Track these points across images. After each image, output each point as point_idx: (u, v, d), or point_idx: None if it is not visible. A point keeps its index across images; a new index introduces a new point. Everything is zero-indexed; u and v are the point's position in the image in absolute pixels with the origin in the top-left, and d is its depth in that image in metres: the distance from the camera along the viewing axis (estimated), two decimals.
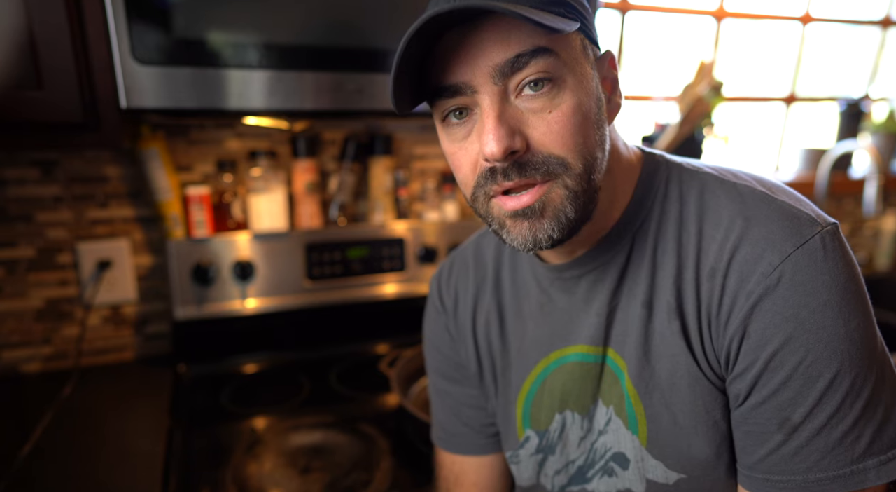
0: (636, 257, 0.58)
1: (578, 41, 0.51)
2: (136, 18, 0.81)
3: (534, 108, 0.49)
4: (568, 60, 0.49)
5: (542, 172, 0.49)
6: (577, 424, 0.63)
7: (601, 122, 0.52)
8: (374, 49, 0.94)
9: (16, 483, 0.85)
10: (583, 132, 0.50)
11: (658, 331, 0.56)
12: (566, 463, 0.65)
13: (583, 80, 0.50)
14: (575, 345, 0.62)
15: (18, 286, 1.17)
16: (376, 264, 1.32)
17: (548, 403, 0.64)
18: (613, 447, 0.60)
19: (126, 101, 0.84)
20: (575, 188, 0.50)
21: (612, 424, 0.60)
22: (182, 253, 1.17)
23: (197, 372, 1.22)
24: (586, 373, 0.61)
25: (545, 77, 0.48)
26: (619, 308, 0.59)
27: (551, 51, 0.48)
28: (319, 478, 0.88)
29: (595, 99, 0.52)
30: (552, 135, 0.49)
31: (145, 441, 0.97)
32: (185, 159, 1.23)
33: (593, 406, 0.62)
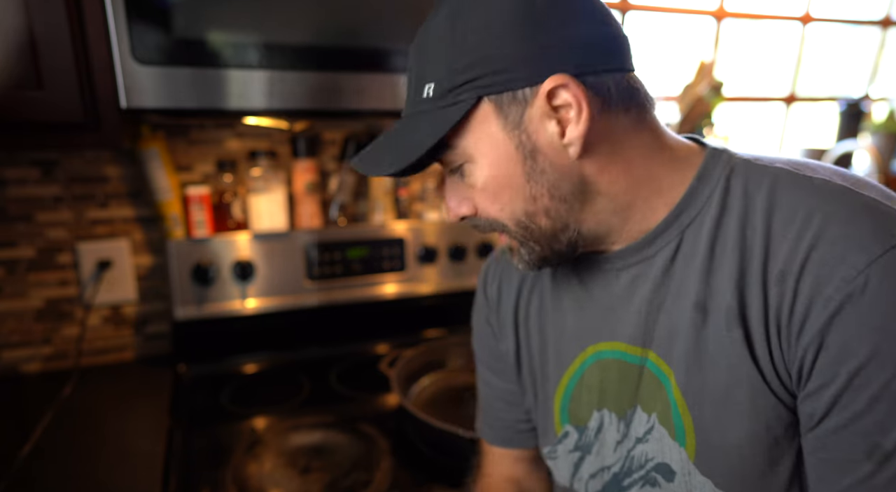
0: (685, 255, 0.54)
1: (486, 107, 0.51)
2: (136, 18, 0.81)
3: (468, 183, 0.56)
4: (468, 142, 0.53)
5: (489, 229, 0.57)
6: (613, 426, 0.60)
7: (535, 172, 0.52)
8: (374, 49, 0.94)
9: (16, 483, 0.85)
10: (502, 197, 0.54)
11: (714, 338, 0.51)
12: (601, 467, 0.62)
13: (493, 150, 0.52)
14: (613, 341, 0.59)
15: (18, 286, 1.17)
16: (376, 264, 1.32)
17: (586, 398, 0.62)
18: (657, 458, 0.57)
19: (126, 101, 0.84)
20: (521, 238, 0.56)
21: (655, 433, 0.56)
22: (182, 253, 1.17)
23: (197, 372, 1.22)
24: (625, 373, 0.58)
25: (452, 166, 0.55)
26: (664, 309, 0.55)
27: (448, 145, 0.53)
28: (319, 478, 0.88)
29: (516, 157, 0.52)
30: (482, 204, 0.56)
31: (145, 441, 0.97)
32: (185, 159, 1.23)
33: (631, 411, 0.58)
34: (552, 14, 0.49)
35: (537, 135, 0.51)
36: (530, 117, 0.51)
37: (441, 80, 0.52)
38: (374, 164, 0.56)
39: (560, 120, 0.50)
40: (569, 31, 0.50)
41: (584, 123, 0.50)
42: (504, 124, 0.51)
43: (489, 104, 0.51)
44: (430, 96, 0.53)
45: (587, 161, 0.52)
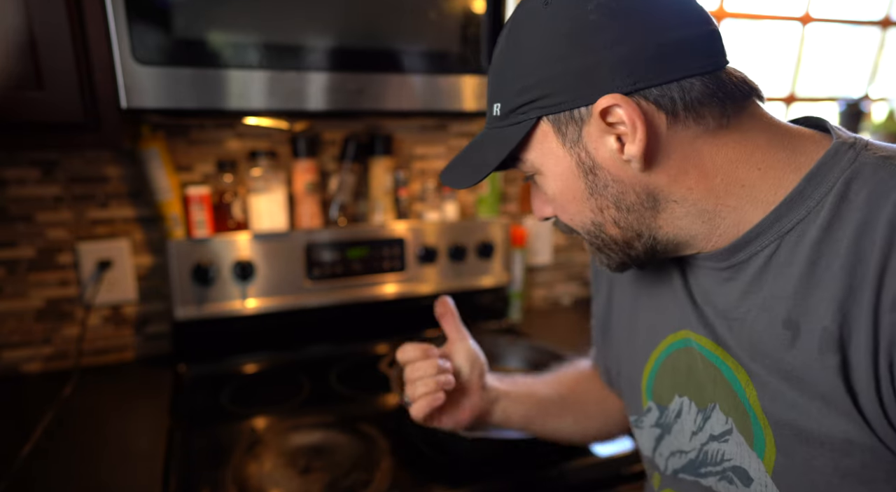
0: (779, 264, 0.50)
1: (543, 127, 0.53)
2: (136, 19, 0.82)
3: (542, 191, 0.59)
4: (534, 157, 0.55)
5: (568, 231, 0.60)
6: (692, 415, 0.60)
7: (596, 188, 0.53)
8: (374, 49, 0.94)
9: (16, 483, 0.85)
10: (570, 208, 0.56)
11: (803, 360, 0.47)
12: (679, 450, 0.61)
13: (555, 165, 0.54)
14: (696, 332, 0.58)
15: (19, 286, 1.17)
16: (376, 264, 1.32)
17: (670, 381, 0.62)
18: (734, 460, 0.55)
19: (126, 101, 0.84)
20: (595, 245, 0.58)
21: (734, 437, 0.55)
22: (182, 253, 1.17)
23: (197, 372, 1.22)
24: (707, 368, 0.57)
25: (527, 176, 0.59)
26: (749, 318, 0.52)
27: (517, 158, 0.56)
28: (319, 478, 0.88)
29: (578, 173, 0.54)
30: (557, 211, 0.59)
31: (145, 441, 0.97)
32: (186, 159, 1.23)
33: (712, 406, 0.57)
34: (608, 29, 0.48)
35: (597, 151, 0.52)
36: (588, 135, 0.51)
37: (506, 101, 0.55)
38: (455, 178, 0.61)
39: (619, 136, 0.50)
40: (627, 45, 0.48)
41: (641, 142, 0.49)
42: (563, 142, 0.53)
43: (548, 123, 0.53)
44: (497, 116, 0.56)
45: (655, 173, 0.51)
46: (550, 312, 1.61)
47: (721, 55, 0.51)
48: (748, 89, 0.52)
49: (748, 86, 0.52)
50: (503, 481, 0.89)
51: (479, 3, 0.97)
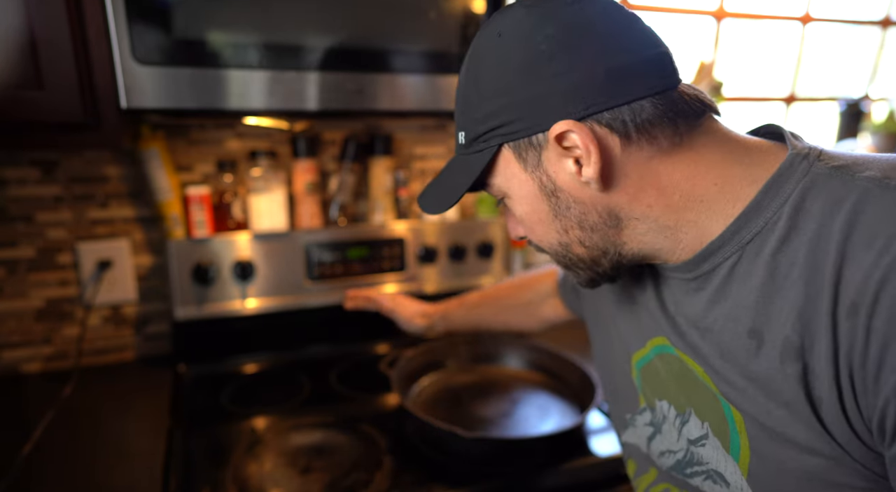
0: (741, 274, 0.51)
1: (505, 154, 0.55)
2: (136, 18, 0.82)
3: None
4: (499, 182, 0.57)
5: (540, 250, 0.62)
6: (671, 419, 0.62)
7: (559, 209, 0.55)
8: (373, 49, 0.94)
9: (16, 483, 0.85)
10: (538, 230, 0.58)
11: (766, 368, 0.48)
12: (668, 450, 0.63)
13: (520, 189, 0.56)
14: (675, 343, 0.60)
15: (19, 286, 1.17)
16: (376, 264, 1.32)
17: (653, 385, 0.64)
18: (711, 464, 0.56)
19: (126, 101, 0.84)
20: (564, 264, 0.60)
21: (710, 441, 0.56)
22: (182, 253, 1.17)
23: (197, 372, 1.22)
24: (683, 374, 0.58)
25: (497, 200, 0.61)
26: (717, 327, 0.53)
27: (485, 183, 0.59)
28: (319, 478, 0.88)
29: (541, 196, 0.55)
30: (526, 233, 0.61)
31: (145, 441, 0.97)
32: (186, 159, 1.23)
33: (689, 411, 0.59)
34: (558, 58, 0.50)
35: (557, 175, 0.53)
36: (548, 159, 0.53)
37: (469, 130, 0.57)
38: (430, 203, 0.63)
39: (576, 159, 0.51)
40: (577, 72, 0.49)
41: (596, 164, 0.50)
42: (525, 167, 0.55)
43: (509, 150, 0.55)
44: (463, 143, 0.58)
45: (614, 193, 0.52)
46: None
47: (671, 76, 0.52)
48: (701, 107, 0.52)
49: (701, 103, 0.53)
50: (503, 481, 0.89)
51: (478, 2, 0.97)
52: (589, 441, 1.00)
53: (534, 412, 1.05)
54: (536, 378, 1.18)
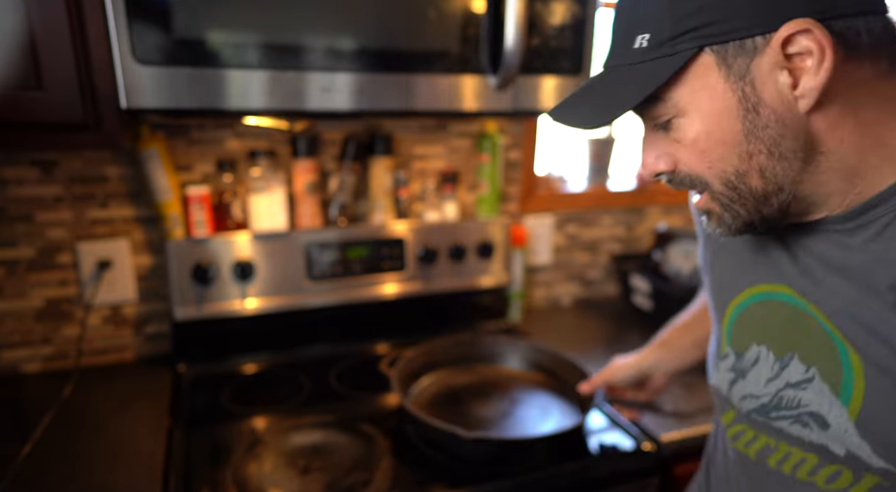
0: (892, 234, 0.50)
1: (706, 59, 0.49)
2: (136, 18, 0.81)
3: (673, 138, 0.54)
4: (682, 94, 0.51)
5: (689, 186, 0.56)
6: (768, 363, 0.61)
7: (756, 127, 0.50)
8: (373, 49, 0.94)
9: (16, 483, 0.85)
10: (713, 154, 0.52)
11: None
12: (751, 394, 0.63)
13: (710, 103, 0.50)
14: (790, 287, 0.59)
15: (19, 286, 1.17)
16: (376, 264, 1.32)
17: (748, 331, 0.64)
18: (811, 406, 0.57)
19: (126, 101, 0.84)
20: (722, 199, 0.54)
21: (814, 385, 0.56)
22: (182, 253, 1.17)
23: (197, 372, 1.22)
24: (793, 320, 0.58)
25: (658, 121, 0.54)
26: (857, 278, 0.52)
27: (657, 98, 0.52)
28: (319, 478, 0.88)
29: (737, 112, 0.50)
30: (688, 160, 0.54)
31: (145, 441, 0.97)
32: (185, 159, 1.23)
33: (790, 355, 0.59)
34: None
35: (764, 86, 0.48)
36: (758, 67, 0.48)
37: (658, 31, 0.50)
38: (575, 117, 0.56)
39: (793, 70, 0.47)
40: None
41: (825, 73, 0.46)
42: (727, 76, 0.49)
43: (710, 55, 0.49)
44: (642, 47, 0.51)
45: (817, 116, 0.49)
46: (550, 313, 1.61)
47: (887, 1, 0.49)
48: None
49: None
50: (503, 481, 0.89)
51: (478, 2, 0.97)
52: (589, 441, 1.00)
53: (534, 413, 1.05)
54: (536, 378, 1.18)
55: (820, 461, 0.57)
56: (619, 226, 1.71)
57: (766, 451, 0.62)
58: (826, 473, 0.56)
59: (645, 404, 1.09)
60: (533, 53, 1.01)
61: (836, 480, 0.56)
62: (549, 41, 1.02)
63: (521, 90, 1.04)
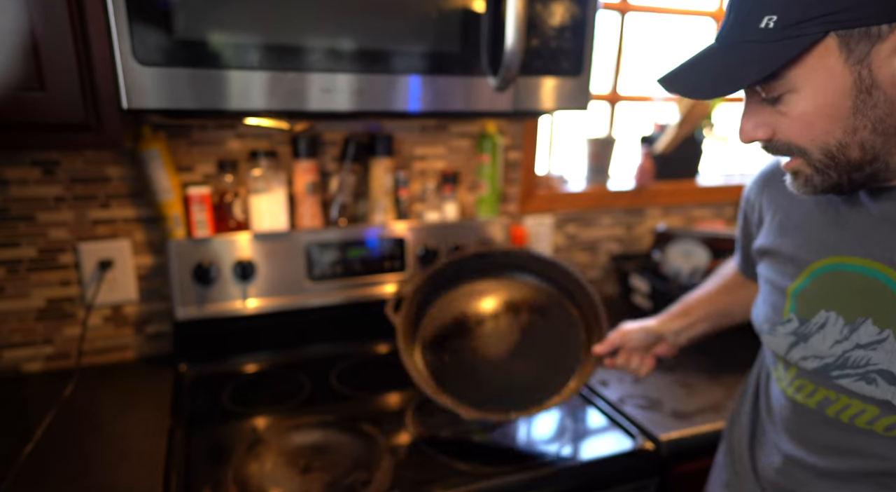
0: None
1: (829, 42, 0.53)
2: (137, 19, 0.82)
3: (778, 110, 0.59)
4: (800, 74, 0.55)
5: (785, 153, 0.61)
6: (837, 327, 0.66)
7: (866, 106, 0.54)
8: (373, 50, 0.94)
9: (17, 482, 0.86)
10: (819, 126, 0.57)
11: None
12: (813, 355, 0.68)
13: (826, 82, 0.55)
14: (864, 258, 0.64)
15: (20, 286, 1.17)
16: (376, 265, 1.33)
17: (818, 298, 0.68)
18: (881, 364, 0.62)
19: (127, 101, 0.85)
20: (818, 165, 0.59)
21: (887, 345, 0.62)
22: (183, 253, 1.17)
23: (198, 372, 1.22)
24: (865, 287, 0.63)
25: (773, 95, 0.58)
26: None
27: (775, 74, 0.56)
28: (320, 477, 0.88)
29: (851, 91, 0.54)
30: (791, 131, 0.59)
31: (147, 440, 0.97)
32: (187, 160, 1.23)
33: (861, 320, 0.64)
34: None
35: (880, 70, 0.53)
36: (878, 52, 0.52)
37: (786, 14, 0.53)
38: (692, 86, 0.60)
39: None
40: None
41: None
42: (847, 58, 0.53)
43: (834, 39, 0.53)
44: (769, 27, 0.54)
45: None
46: None
47: None
48: None
49: None
50: (503, 481, 0.89)
51: (479, 3, 0.98)
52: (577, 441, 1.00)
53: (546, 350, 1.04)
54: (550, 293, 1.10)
55: (881, 412, 0.63)
56: (618, 226, 1.72)
57: (826, 402, 0.67)
58: (886, 422, 0.62)
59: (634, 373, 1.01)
60: (533, 54, 1.01)
61: (894, 428, 0.62)
62: (548, 42, 1.02)
63: (521, 91, 1.04)
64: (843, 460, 0.67)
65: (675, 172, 1.75)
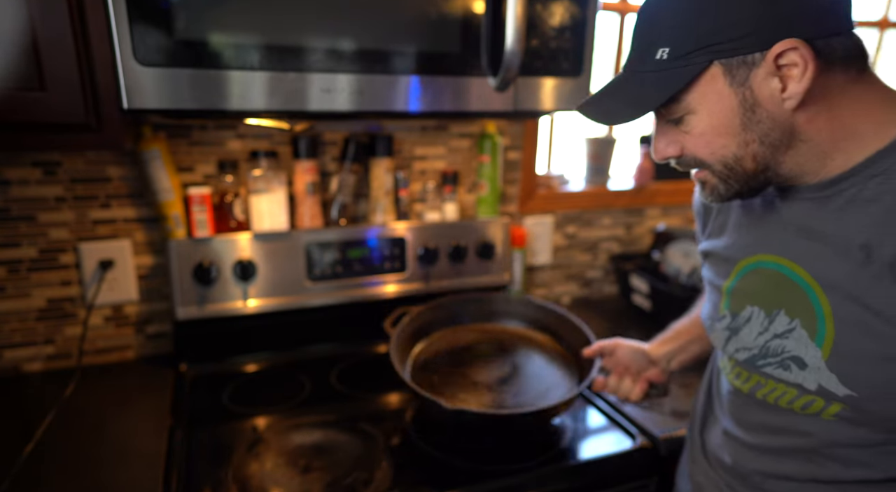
0: (865, 200, 0.62)
1: (715, 70, 0.61)
2: (137, 20, 0.82)
3: (681, 130, 0.66)
4: (694, 97, 0.63)
5: (693, 166, 0.69)
6: (759, 320, 0.73)
7: (752, 122, 0.62)
8: (374, 50, 0.94)
9: (18, 482, 0.86)
10: (717, 142, 0.64)
11: (869, 281, 0.61)
12: (744, 347, 0.76)
13: (717, 104, 0.62)
14: (777, 256, 0.71)
15: (21, 286, 1.17)
16: (377, 265, 1.33)
17: (743, 294, 0.76)
18: (792, 351, 0.69)
19: (128, 102, 0.85)
20: (720, 176, 0.66)
21: (795, 334, 0.68)
22: (183, 253, 1.18)
23: (198, 371, 1.23)
24: (778, 282, 0.70)
25: (672, 117, 0.65)
26: (832, 240, 0.64)
27: (673, 99, 0.63)
28: (320, 477, 0.89)
29: (737, 110, 0.62)
30: (695, 148, 0.66)
31: (147, 440, 0.98)
32: (187, 160, 1.23)
33: (776, 312, 0.71)
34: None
35: (759, 90, 0.60)
36: (755, 76, 0.60)
37: (678, 46, 0.61)
38: (604, 113, 0.68)
39: (782, 78, 0.59)
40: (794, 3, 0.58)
41: (807, 80, 0.58)
42: (731, 83, 0.61)
43: (718, 66, 0.60)
44: (663, 58, 0.62)
45: (800, 113, 0.61)
46: None
47: (853, 20, 0.61)
48: (866, 53, 0.62)
49: (866, 51, 0.62)
50: (502, 480, 0.89)
51: (479, 4, 0.98)
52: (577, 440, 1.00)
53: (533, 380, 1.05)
54: (541, 339, 1.17)
55: (798, 394, 0.69)
56: (618, 226, 1.72)
57: (757, 387, 0.75)
58: (801, 402, 0.69)
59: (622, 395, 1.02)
60: (532, 55, 1.02)
61: (809, 406, 0.69)
62: (548, 43, 1.03)
63: (521, 91, 1.04)
64: (774, 437, 0.74)
65: (674, 172, 1.74)
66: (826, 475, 0.69)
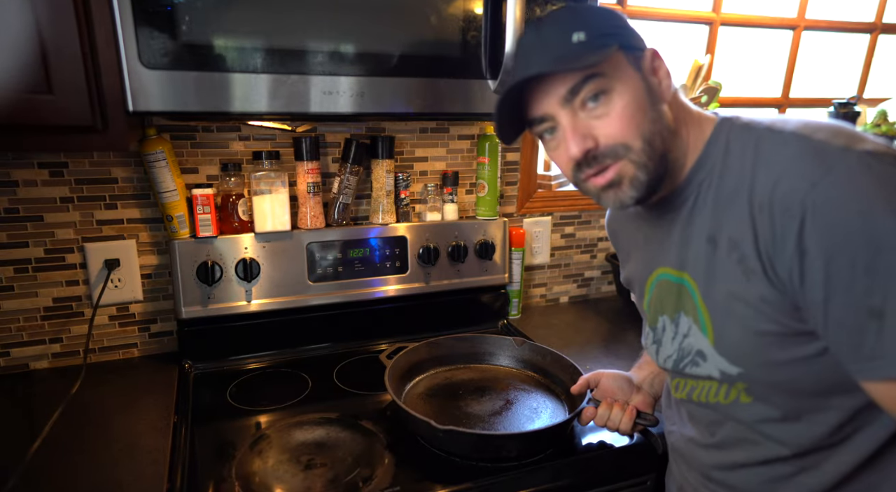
0: (701, 201, 0.73)
1: (620, 55, 0.69)
2: (143, 24, 0.83)
3: (597, 115, 0.69)
4: (612, 73, 0.68)
5: (611, 156, 0.70)
6: (670, 327, 0.81)
7: (653, 103, 0.70)
8: (375, 53, 0.95)
9: (25, 478, 0.87)
10: (636, 119, 0.69)
11: (720, 260, 0.70)
12: (668, 355, 0.82)
13: (628, 82, 0.69)
14: (667, 267, 0.79)
15: (28, 285, 1.19)
16: (377, 265, 1.34)
17: (655, 307, 0.84)
18: (696, 346, 0.76)
19: (133, 104, 0.86)
20: (639, 160, 0.70)
21: (693, 330, 0.76)
22: (187, 253, 1.19)
23: (202, 370, 1.24)
24: (673, 289, 0.79)
25: (597, 92, 0.69)
26: (692, 242, 0.74)
27: (597, 74, 0.68)
28: (322, 473, 0.90)
29: (642, 90, 0.70)
30: (613, 129, 0.69)
31: (152, 437, 0.99)
32: (191, 161, 1.25)
33: (678, 315, 0.79)
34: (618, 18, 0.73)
35: (649, 77, 0.71)
36: (645, 67, 0.71)
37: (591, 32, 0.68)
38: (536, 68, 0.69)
39: (657, 71, 0.71)
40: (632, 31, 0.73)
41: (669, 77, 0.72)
42: (635, 66, 0.70)
43: (625, 52, 0.70)
44: (581, 41, 0.67)
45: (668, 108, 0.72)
46: (549, 311, 1.63)
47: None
48: None
49: None
50: (502, 478, 0.90)
51: (478, 7, 0.99)
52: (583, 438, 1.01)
53: (524, 414, 1.07)
54: (533, 378, 1.19)
55: (715, 386, 0.77)
56: None
57: (691, 390, 0.81)
58: (722, 392, 0.76)
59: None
60: None
61: (727, 395, 0.75)
62: None
63: None
64: (719, 431, 0.79)
65: None
66: (771, 454, 0.75)
